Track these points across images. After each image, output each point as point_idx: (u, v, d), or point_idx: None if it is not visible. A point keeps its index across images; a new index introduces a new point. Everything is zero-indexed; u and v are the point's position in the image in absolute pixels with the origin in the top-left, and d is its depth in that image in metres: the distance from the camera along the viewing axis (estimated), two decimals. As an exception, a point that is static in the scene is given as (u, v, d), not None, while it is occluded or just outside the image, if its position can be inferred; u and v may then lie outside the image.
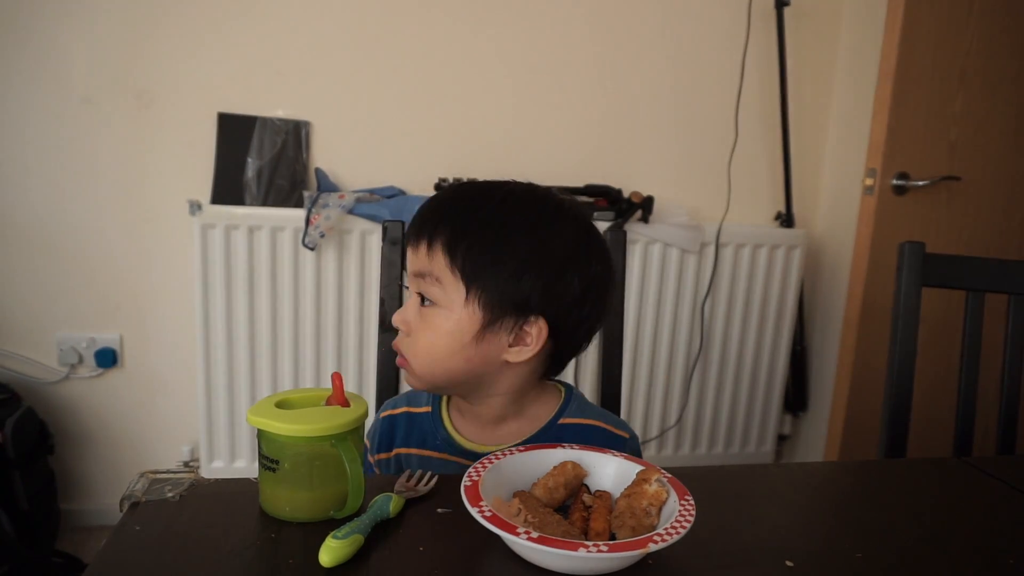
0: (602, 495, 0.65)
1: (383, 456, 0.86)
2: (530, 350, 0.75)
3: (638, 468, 0.66)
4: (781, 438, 2.27)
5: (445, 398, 0.86)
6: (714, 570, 0.60)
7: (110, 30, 1.77)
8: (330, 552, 0.55)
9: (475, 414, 0.82)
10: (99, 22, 1.76)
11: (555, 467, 0.67)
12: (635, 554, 0.55)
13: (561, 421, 0.82)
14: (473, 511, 0.56)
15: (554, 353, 0.79)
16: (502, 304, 0.73)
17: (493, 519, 0.55)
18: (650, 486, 0.62)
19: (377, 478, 0.72)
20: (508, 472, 0.65)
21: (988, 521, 0.73)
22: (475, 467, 0.63)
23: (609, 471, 0.69)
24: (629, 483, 0.65)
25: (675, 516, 0.58)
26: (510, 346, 0.75)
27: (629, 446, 0.83)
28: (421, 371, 0.76)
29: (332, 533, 0.56)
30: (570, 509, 0.64)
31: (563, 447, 0.70)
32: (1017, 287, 1.14)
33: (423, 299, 0.76)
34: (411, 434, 0.85)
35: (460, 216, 0.75)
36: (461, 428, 0.83)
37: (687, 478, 0.77)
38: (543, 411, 0.82)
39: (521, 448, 0.69)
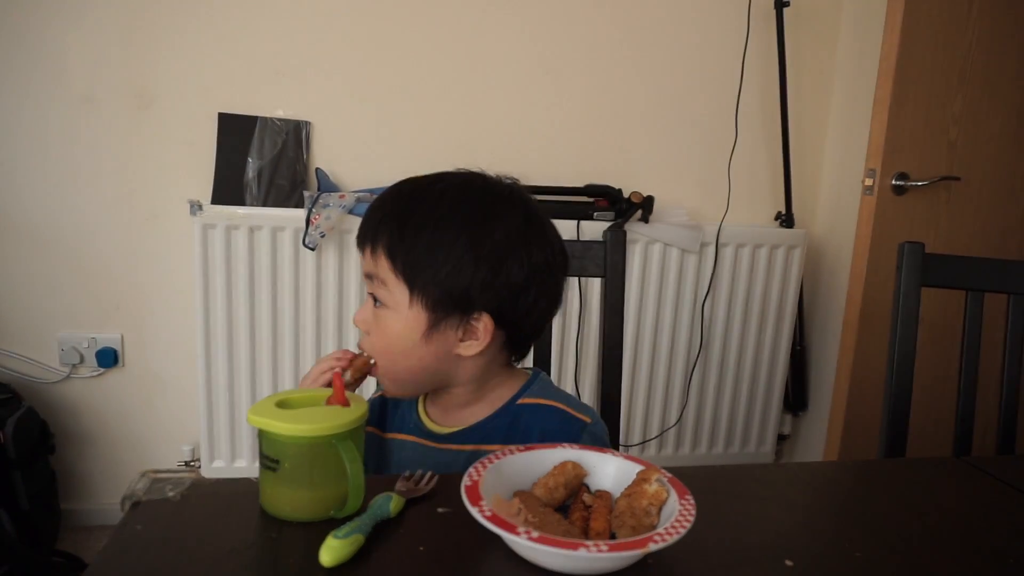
0: (602, 495, 0.65)
1: (372, 430, 0.88)
2: (479, 344, 0.76)
3: (638, 468, 0.66)
4: (781, 438, 2.27)
5: None
6: (714, 570, 0.60)
7: (110, 30, 1.77)
8: (331, 552, 0.55)
9: (442, 400, 0.84)
10: (99, 22, 1.76)
11: (555, 467, 0.67)
12: (635, 554, 0.55)
13: (519, 401, 0.83)
14: (473, 511, 0.56)
15: (508, 341, 0.80)
16: (444, 303, 0.74)
17: (493, 518, 0.55)
18: (650, 486, 0.63)
19: (377, 478, 0.72)
20: (508, 472, 0.65)
21: (988, 521, 0.73)
22: (475, 467, 0.63)
23: (609, 471, 0.69)
24: (629, 482, 0.65)
25: (675, 516, 0.58)
26: (460, 341, 0.76)
27: (589, 431, 0.81)
28: (384, 371, 0.79)
29: (332, 533, 0.56)
30: (570, 509, 0.64)
31: (563, 447, 0.70)
32: (1017, 287, 1.14)
33: (375, 300, 0.78)
34: (395, 416, 0.88)
35: (398, 217, 0.75)
36: (431, 412, 0.86)
37: (687, 478, 0.77)
38: (505, 394, 0.83)
39: (521, 448, 0.69)
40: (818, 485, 0.80)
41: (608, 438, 0.86)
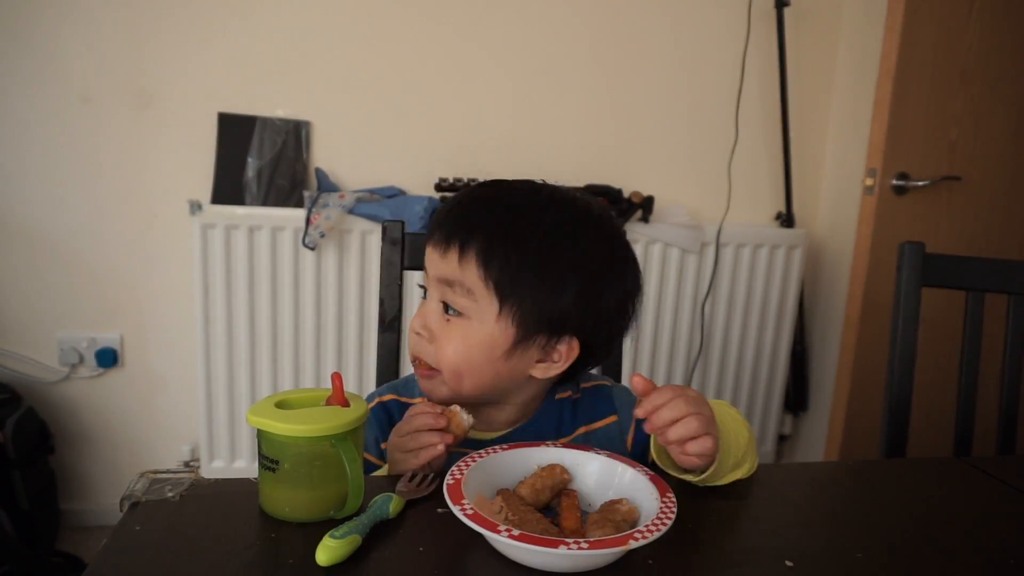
0: (569, 494, 0.66)
1: (385, 444, 0.84)
2: (557, 367, 0.73)
3: (621, 465, 0.67)
4: (781, 438, 2.27)
5: None
6: (714, 570, 0.60)
7: (110, 30, 1.77)
8: (327, 552, 0.55)
9: (483, 413, 0.79)
10: (99, 22, 1.76)
11: (543, 468, 0.67)
12: (616, 551, 0.55)
13: (558, 397, 0.82)
14: (455, 509, 0.56)
15: (577, 365, 0.76)
16: (538, 322, 0.70)
17: (474, 517, 0.55)
18: (621, 506, 0.63)
19: (377, 478, 0.72)
20: (492, 470, 0.66)
21: (988, 521, 0.73)
22: (458, 465, 0.63)
23: (592, 471, 0.69)
24: (611, 482, 0.67)
25: (655, 514, 0.59)
26: (538, 362, 0.73)
27: (616, 392, 0.84)
28: (451, 381, 0.73)
29: (330, 532, 0.56)
30: (560, 512, 0.64)
31: (547, 445, 0.70)
32: (1017, 287, 1.14)
33: (447, 307, 0.73)
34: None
35: (497, 224, 0.70)
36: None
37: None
38: (540, 399, 0.82)
39: (506, 447, 0.69)
40: (818, 485, 0.80)
41: None
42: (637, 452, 0.81)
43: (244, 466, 1.87)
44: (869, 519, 0.71)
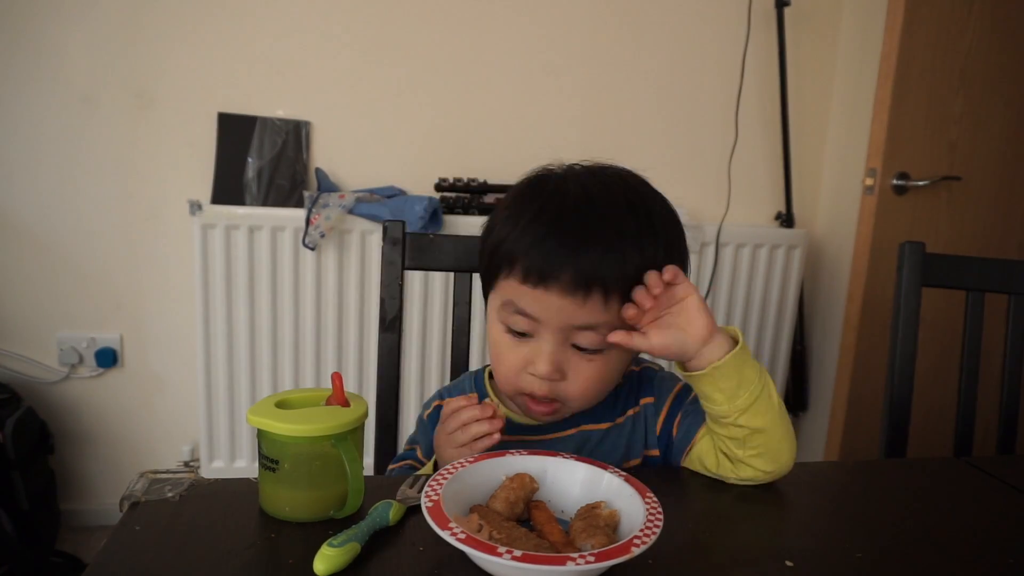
0: (539, 505, 0.64)
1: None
2: (638, 353, 0.76)
3: (601, 472, 0.65)
4: (781, 438, 2.26)
5: (489, 384, 0.84)
6: (714, 570, 0.60)
7: (110, 30, 1.77)
8: (325, 560, 0.54)
9: None
10: (99, 22, 1.76)
11: (512, 479, 0.64)
12: (622, 560, 0.53)
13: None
14: (444, 534, 0.52)
15: None
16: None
17: (469, 541, 0.52)
18: (601, 511, 0.61)
19: (378, 482, 0.72)
20: (462, 486, 0.62)
21: (988, 521, 0.73)
22: (430, 484, 0.59)
23: (561, 475, 0.67)
24: (567, 483, 0.66)
25: (644, 517, 0.57)
26: None
27: (659, 373, 0.85)
28: (582, 406, 0.75)
29: (328, 541, 0.55)
30: (538, 524, 0.62)
31: (513, 453, 0.67)
32: (1017, 287, 1.14)
33: (580, 347, 0.71)
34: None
35: (626, 250, 0.68)
36: (507, 403, 0.81)
37: (687, 478, 0.77)
38: None
39: (470, 460, 0.65)
40: (818, 485, 0.80)
41: None
42: (665, 431, 0.80)
43: (244, 466, 1.87)
44: (869, 519, 0.71)
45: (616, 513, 0.61)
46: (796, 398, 2.23)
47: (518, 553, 0.50)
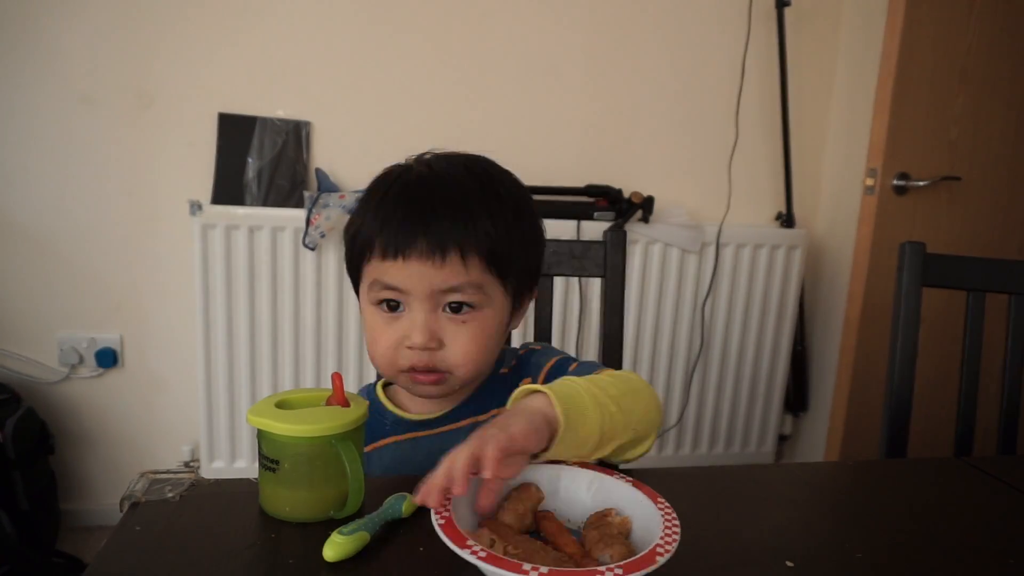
0: (547, 516, 0.62)
1: None
2: (522, 313, 0.76)
3: (608, 478, 0.64)
4: (781, 438, 2.27)
5: (382, 385, 0.85)
6: (714, 570, 0.60)
7: (110, 30, 1.77)
8: (334, 547, 0.55)
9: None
10: (99, 22, 1.76)
11: (518, 491, 0.63)
12: (648, 571, 0.52)
13: (502, 372, 0.82)
14: (463, 553, 0.50)
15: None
16: (524, 282, 0.74)
17: (491, 559, 0.50)
18: (613, 519, 0.60)
19: (378, 482, 0.72)
20: (471, 500, 0.60)
21: (988, 521, 0.73)
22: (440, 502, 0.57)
23: (575, 484, 0.65)
24: (576, 489, 0.64)
25: (661, 523, 0.56)
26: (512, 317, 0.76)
27: (533, 356, 0.83)
28: (467, 376, 0.74)
29: (338, 529, 0.56)
30: (550, 536, 0.60)
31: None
32: (1018, 287, 1.14)
33: (455, 307, 0.71)
34: (368, 434, 0.82)
35: (476, 212, 0.70)
36: (401, 403, 0.82)
37: (687, 478, 0.77)
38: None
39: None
40: (818, 485, 0.80)
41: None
42: None
43: (244, 466, 1.87)
44: (869, 519, 0.71)
45: (628, 520, 0.60)
46: (796, 398, 2.23)
47: (544, 570, 0.49)
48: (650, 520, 0.58)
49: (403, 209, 0.71)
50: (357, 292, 0.79)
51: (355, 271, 0.77)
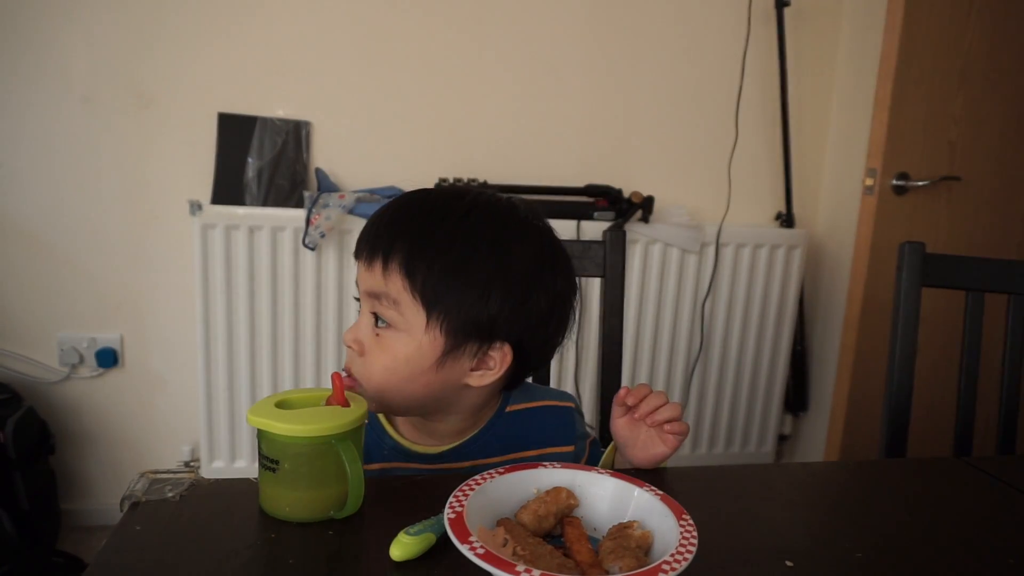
0: (572, 522, 0.61)
1: None
2: (493, 374, 0.71)
3: (634, 488, 0.63)
4: (781, 438, 2.27)
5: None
6: (714, 570, 0.60)
7: (110, 30, 1.77)
8: (401, 547, 0.55)
9: (428, 427, 0.78)
10: (99, 22, 1.76)
11: (547, 492, 0.62)
12: None
13: (508, 409, 0.80)
14: (463, 548, 0.51)
15: (516, 370, 0.75)
16: (466, 329, 0.69)
17: (486, 556, 0.50)
18: (635, 531, 0.59)
19: (378, 482, 0.72)
20: (492, 497, 0.60)
21: (988, 521, 0.73)
22: (456, 495, 0.58)
23: (603, 494, 0.64)
24: (624, 505, 0.62)
25: (678, 539, 0.55)
26: (472, 370, 0.71)
27: (576, 413, 0.85)
28: (375, 394, 0.71)
29: (405, 529, 0.57)
30: (568, 542, 0.59)
31: (546, 466, 0.65)
32: (1017, 287, 1.14)
33: (377, 319, 0.71)
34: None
35: (418, 233, 0.69)
36: (408, 433, 0.80)
37: (687, 478, 0.77)
38: (490, 410, 0.80)
39: (501, 471, 0.64)
40: (818, 485, 0.80)
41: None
42: None
43: (244, 466, 1.87)
44: (869, 519, 0.71)
45: (649, 534, 0.58)
46: (796, 398, 2.23)
47: (536, 573, 0.48)
48: (671, 536, 0.56)
49: (375, 218, 0.73)
50: None
51: None
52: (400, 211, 0.72)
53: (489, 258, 0.69)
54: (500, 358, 0.71)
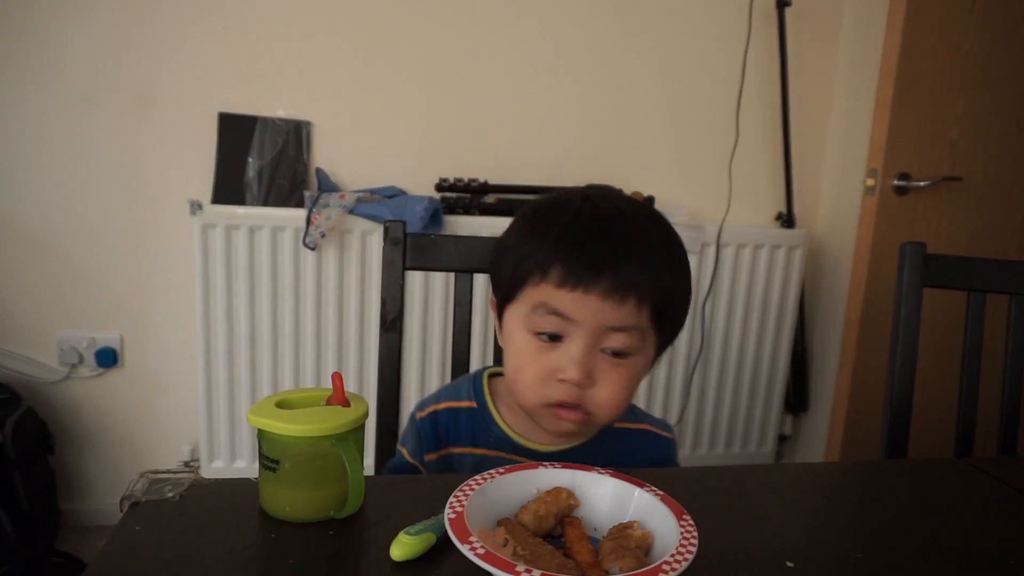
0: (573, 522, 0.61)
1: (432, 456, 0.82)
2: (655, 364, 0.76)
3: (635, 488, 0.63)
4: (782, 438, 2.27)
5: (489, 390, 0.83)
6: (714, 570, 0.59)
7: (110, 30, 1.77)
8: (401, 547, 0.55)
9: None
10: (99, 22, 1.76)
11: (547, 493, 0.62)
12: None
13: (616, 426, 0.80)
14: (463, 548, 0.51)
15: None
16: (671, 335, 0.74)
17: (487, 557, 0.50)
18: (635, 531, 0.59)
19: (379, 482, 0.72)
20: (492, 497, 0.61)
21: (988, 521, 0.73)
22: (456, 495, 0.58)
23: (603, 495, 0.64)
24: (624, 506, 0.63)
25: (678, 539, 0.55)
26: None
27: (674, 447, 0.85)
28: (608, 420, 0.74)
29: (405, 529, 0.57)
30: (569, 543, 0.59)
31: (546, 466, 0.65)
32: (1018, 287, 1.14)
33: (617, 352, 0.71)
34: (459, 431, 0.82)
35: (659, 261, 0.71)
36: (513, 424, 0.80)
37: (687, 478, 0.77)
38: None
39: (501, 471, 0.64)
40: (819, 486, 0.80)
41: None
42: None
43: (244, 466, 1.87)
44: (869, 519, 0.71)
45: (649, 535, 0.58)
46: (796, 398, 2.23)
47: (536, 573, 0.48)
48: (671, 536, 0.56)
49: (595, 242, 0.70)
50: (500, 312, 0.77)
51: (510, 292, 0.74)
52: (617, 237, 0.70)
53: (684, 268, 0.74)
54: (668, 348, 0.76)
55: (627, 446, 0.81)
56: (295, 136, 1.86)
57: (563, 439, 0.79)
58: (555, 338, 0.71)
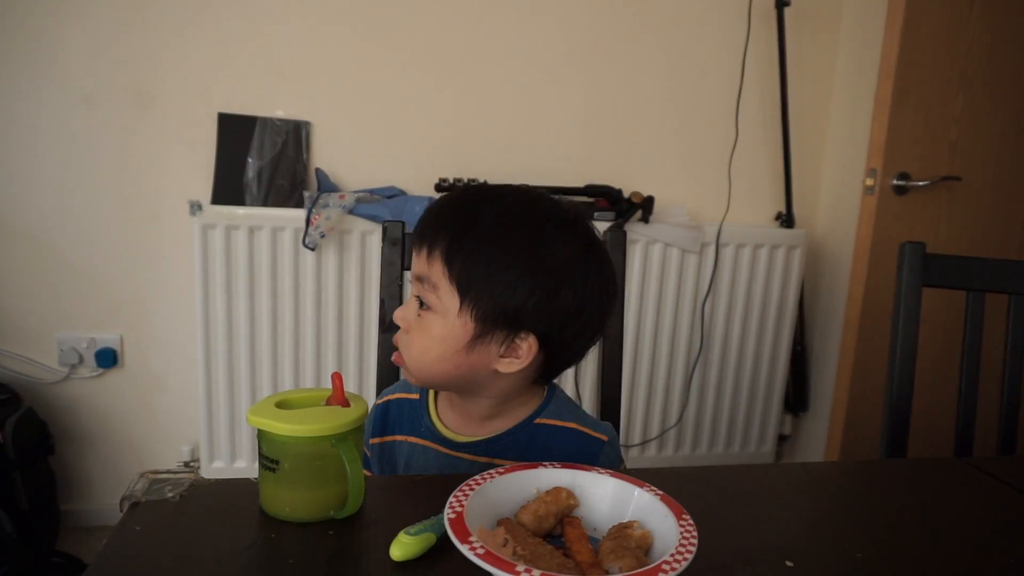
0: (572, 522, 0.61)
1: (376, 440, 0.88)
2: (520, 363, 0.75)
3: (634, 488, 0.63)
4: (781, 438, 2.27)
5: None
6: (714, 570, 0.59)
7: (110, 30, 1.77)
8: (401, 547, 0.56)
9: (463, 408, 0.83)
10: (99, 22, 1.76)
11: (547, 492, 0.62)
12: None
13: (537, 420, 0.82)
14: (463, 548, 0.51)
15: (546, 363, 0.79)
16: (494, 317, 0.73)
17: (487, 557, 0.50)
18: (635, 531, 0.59)
19: (379, 482, 0.72)
20: (492, 497, 0.61)
21: (988, 521, 0.73)
22: (456, 495, 0.59)
23: (603, 494, 0.64)
24: (624, 506, 0.63)
25: (678, 539, 0.55)
26: (500, 357, 0.75)
27: (606, 451, 0.82)
28: (414, 369, 0.78)
29: (405, 529, 0.57)
30: (568, 542, 0.60)
31: (546, 466, 0.66)
32: (1017, 287, 1.14)
33: (421, 302, 0.76)
34: (402, 420, 0.87)
35: (460, 224, 0.74)
36: (445, 418, 0.85)
37: (687, 478, 0.77)
38: (523, 411, 0.83)
39: (501, 471, 0.64)
40: (818, 485, 0.80)
41: (621, 452, 0.87)
42: None
43: (244, 466, 1.87)
44: (869, 519, 0.71)
45: (649, 534, 0.59)
46: (796, 398, 2.23)
47: (536, 573, 0.49)
48: (671, 536, 0.57)
49: (432, 208, 0.79)
50: None
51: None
52: (448, 203, 0.78)
53: (522, 252, 0.73)
54: (526, 349, 0.75)
55: (543, 443, 0.81)
56: (295, 136, 1.86)
57: (479, 427, 0.82)
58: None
